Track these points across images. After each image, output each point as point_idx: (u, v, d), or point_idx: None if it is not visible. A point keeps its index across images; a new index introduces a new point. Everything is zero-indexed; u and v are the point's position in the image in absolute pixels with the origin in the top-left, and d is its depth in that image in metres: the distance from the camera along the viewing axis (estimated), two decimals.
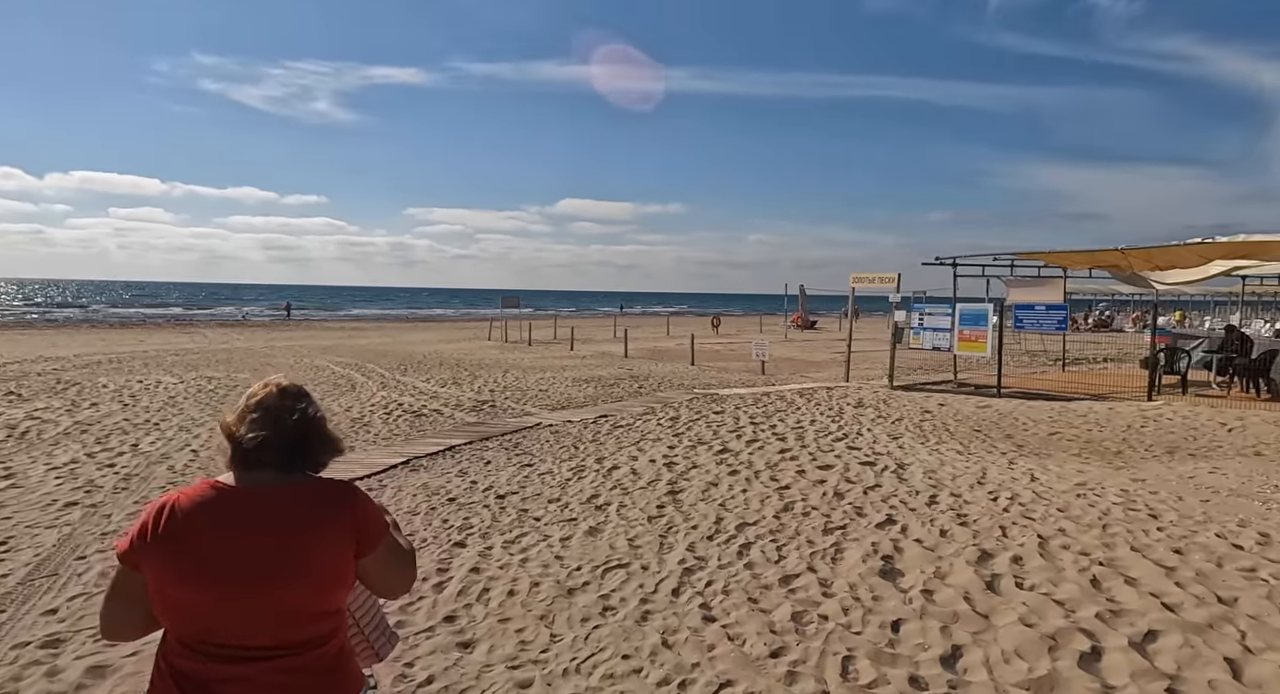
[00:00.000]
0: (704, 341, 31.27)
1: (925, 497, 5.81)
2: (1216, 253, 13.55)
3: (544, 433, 9.75)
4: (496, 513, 6.03)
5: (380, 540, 1.53)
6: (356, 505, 1.52)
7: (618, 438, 9.19)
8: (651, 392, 14.50)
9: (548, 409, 12.19)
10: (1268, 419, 8.95)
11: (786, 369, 19.79)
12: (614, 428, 9.96)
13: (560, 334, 34.24)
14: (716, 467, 7.24)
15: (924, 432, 9.21)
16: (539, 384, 15.49)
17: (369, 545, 1.51)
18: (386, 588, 1.64)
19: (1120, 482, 6.03)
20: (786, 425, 9.69)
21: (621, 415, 11.04)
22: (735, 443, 8.46)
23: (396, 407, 12.13)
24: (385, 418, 11.06)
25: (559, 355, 23.41)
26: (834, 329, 44.56)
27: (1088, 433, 8.78)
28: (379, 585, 1.62)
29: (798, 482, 6.52)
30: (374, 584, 1.61)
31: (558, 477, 7.17)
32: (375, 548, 1.52)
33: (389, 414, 11.38)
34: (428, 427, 10.43)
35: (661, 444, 8.54)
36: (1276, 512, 4.93)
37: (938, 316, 15.05)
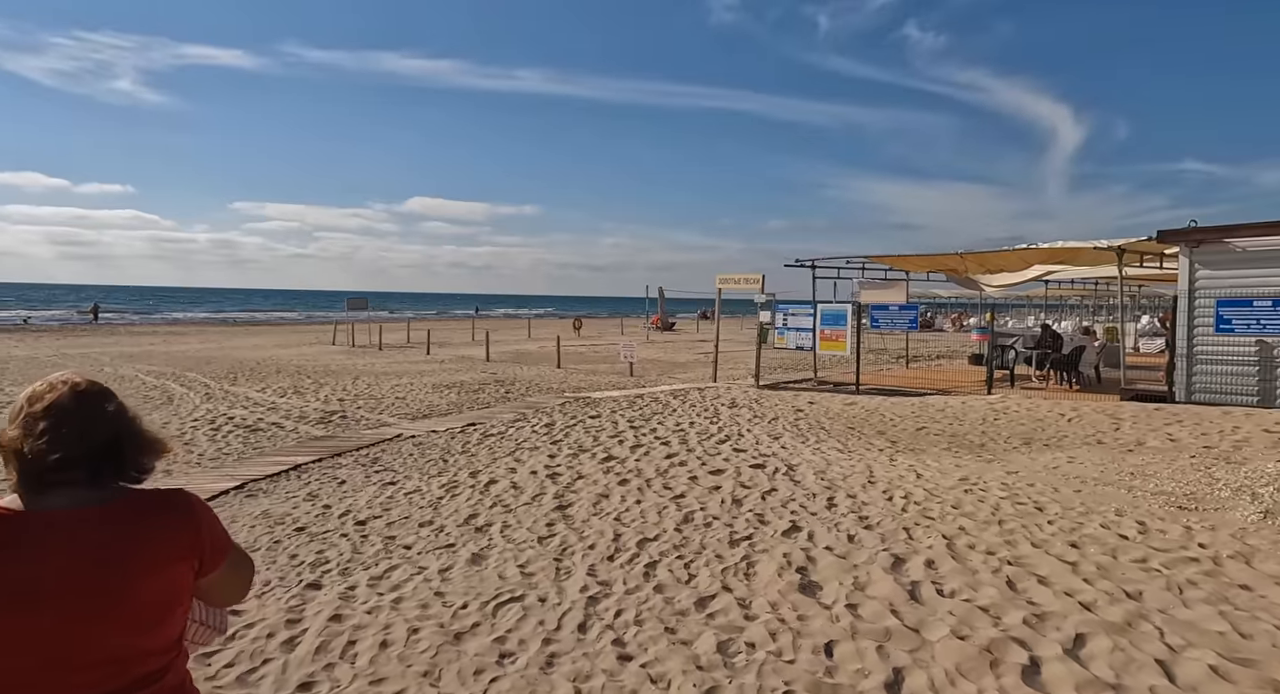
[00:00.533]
0: (568, 344, 30.76)
1: (823, 500, 5.68)
2: (1037, 258, 14.93)
3: (406, 445, 8.86)
4: (358, 543, 5.23)
5: (225, 556, 1.32)
6: (195, 518, 1.28)
7: (491, 448, 8.50)
8: (520, 396, 13.81)
9: (408, 418, 11.20)
10: (1097, 409, 9.82)
11: (653, 370, 19.73)
12: (485, 437, 9.25)
13: (415, 337, 32.43)
14: (604, 476, 6.79)
15: (801, 430, 9.27)
16: (395, 391, 14.33)
17: (212, 564, 1.29)
18: (222, 601, 1.43)
19: (997, 475, 6.23)
20: (667, 428, 9.42)
21: (492, 423, 10.32)
22: (619, 449, 8.05)
23: (226, 421, 10.67)
24: (212, 434, 9.66)
25: (415, 360, 22.02)
26: (692, 330, 45.57)
27: (950, 427, 9.20)
28: (214, 599, 1.41)
29: (692, 489, 6.21)
30: (209, 598, 1.39)
31: (428, 495, 6.42)
32: (219, 565, 1.31)
33: (217, 430, 9.96)
34: (266, 443, 9.20)
35: (540, 453, 7.97)
36: (1143, 499, 5.22)
37: (800, 317, 15.49)
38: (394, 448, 8.72)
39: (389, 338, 30.32)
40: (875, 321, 14.59)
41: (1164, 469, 6.10)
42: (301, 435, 9.75)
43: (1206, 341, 11.02)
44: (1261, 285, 10.58)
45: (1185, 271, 11.29)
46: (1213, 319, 10.89)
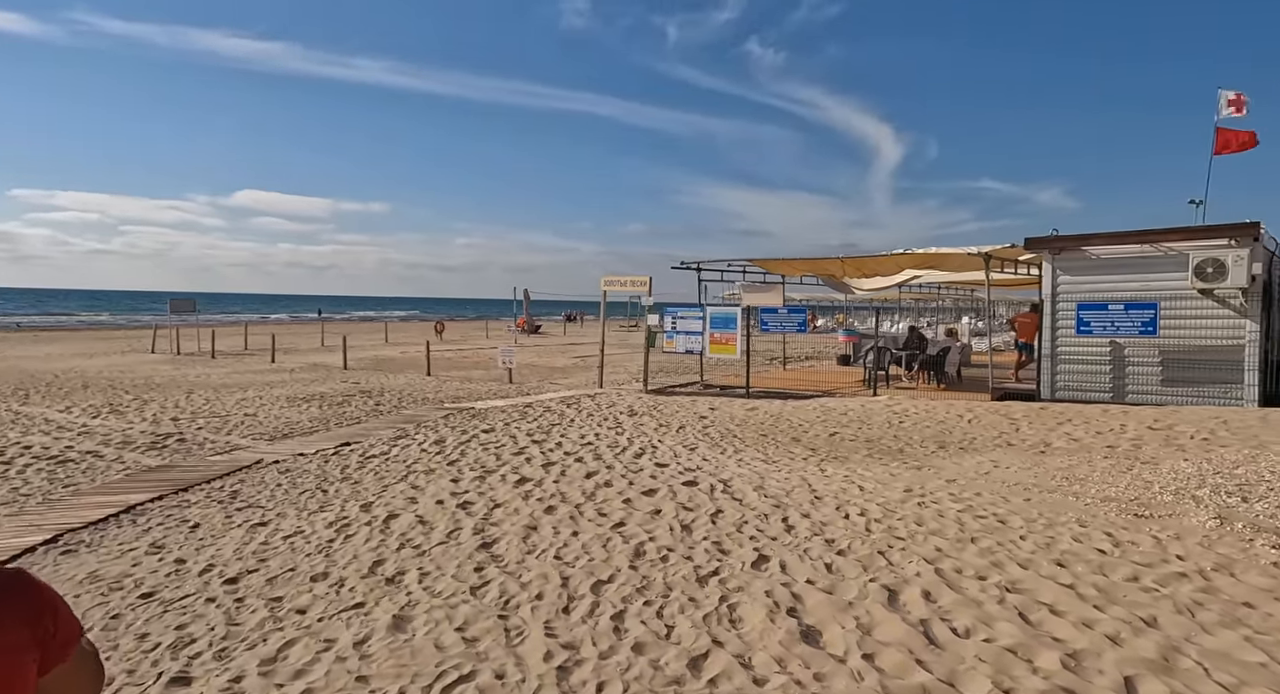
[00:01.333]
0: (433, 349, 29.02)
1: (777, 520, 5.25)
2: (910, 262, 15.62)
3: (270, 473, 7.57)
4: (232, 611, 4.16)
5: (74, 645, 1.01)
6: (34, 598, 0.98)
7: (377, 472, 7.42)
8: (393, 408, 12.53)
9: (264, 439, 9.73)
10: (989, 410, 10.21)
11: (532, 376, 18.85)
12: (366, 458, 8.11)
13: (255, 343, 29.34)
14: (524, 503, 5.99)
15: (714, 439, 8.88)
16: (243, 407, 12.57)
17: (59, 655, 0.99)
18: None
19: (938, 484, 6.11)
20: (573, 442, 8.71)
21: (370, 441, 9.13)
22: (530, 469, 7.26)
23: (21, 451, 8.75)
24: (1, 470, 7.83)
25: (258, 369, 19.74)
26: (559, 333, 44.79)
27: (861, 432, 9.17)
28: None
29: (630, 514, 5.58)
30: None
31: (314, 538, 5.35)
32: (67, 658, 1.00)
33: (7, 464, 8.10)
34: (81, 478, 7.56)
35: (440, 478, 7.01)
36: (1095, 506, 5.22)
37: (690, 320, 15.27)
38: (255, 477, 7.40)
39: (222, 344, 27.21)
40: (765, 324, 14.63)
41: (1090, 472, 6.23)
42: (129, 466, 8.12)
43: (1068, 342, 11.87)
44: (1113, 290, 11.52)
45: (1048, 277, 12.11)
46: (1073, 321, 11.75)
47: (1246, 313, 10.48)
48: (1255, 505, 4.85)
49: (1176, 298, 10.95)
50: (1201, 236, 10.77)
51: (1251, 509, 4.81)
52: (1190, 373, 10.90)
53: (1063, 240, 11.93)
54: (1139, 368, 11.31)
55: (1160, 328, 11.04)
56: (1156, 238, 11.15)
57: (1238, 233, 10.51)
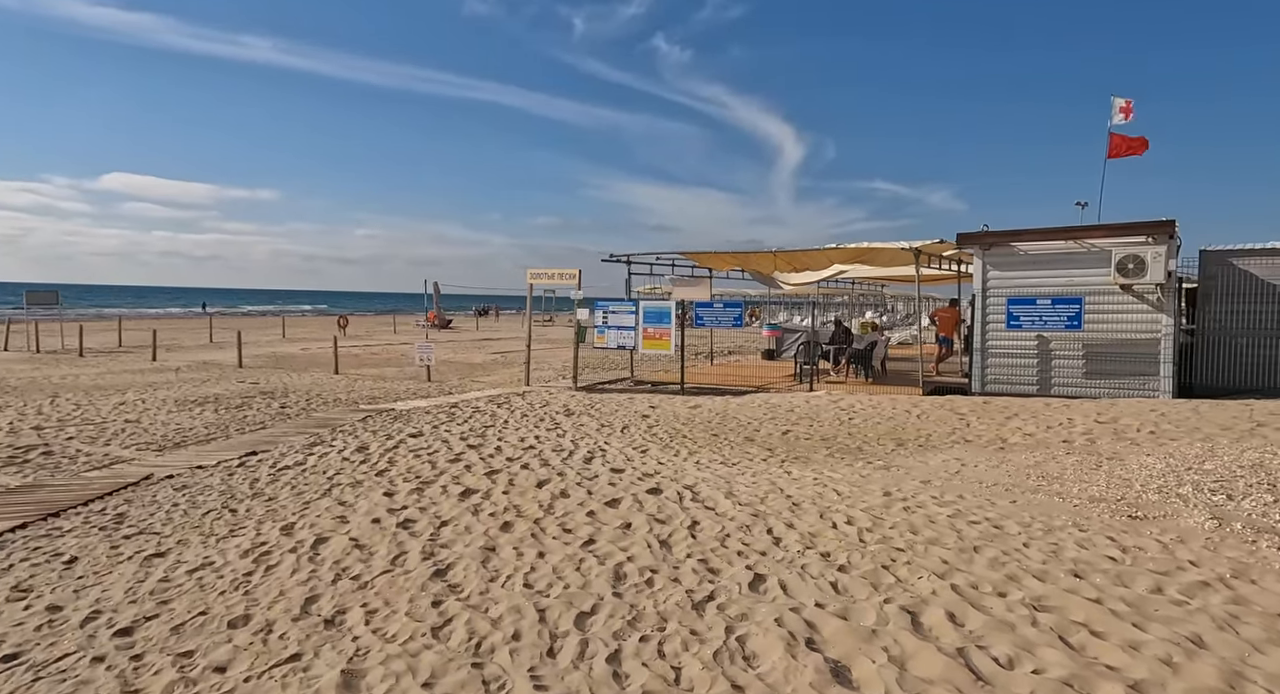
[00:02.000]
0: (339, 346, 27.31)
1: (760, 532, 4.84)
2: (841, 257, 15.68)
3: (163, 490, 6.57)
4: (128, 674, 3.36)
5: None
6: None
7: (294, 486, 6.55)
8: (303, 411, 11.45)
9: (152, 449, 8.58)
10: (936, 405, 10.20)
11: (451, 374, 17.89)
12: (278, 470, 7.19)
13: (131, 340, 26.81)
14: (474, 519, 5.33)
15: (664, 440, 8.43)
16: (122, 413, 11.18)
17: None
18: None
19: (914, 486, 5.87)
20: (513, 446, 8.06)
21: (281, 449, 8.17)
22: (472, 478, 6.57)
23: None
24: None
25: (138, 369, 17.89)
26: (470, 328, 43.32)
27: (814, 429, 8.93)
28: None
29: (599, 530, 5.03)
30: None
31: (227, 570, 4.53)
32: None
33: None
34: None
35: (371, 491, 6.22)
36: (1085, 508, 5.07)
37: (622, 314, 14.77)
38: (145, 496, 6.39)
39: (92, 341, 24.69)
40: (700, 319, 14.31)
41: (1061, 470, 6.15)
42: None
43: (998, 337, 12.13)
44: (1040, 285, 11.82)
45: (979, 272, 12.33)
46: (1004, 316, 12.01)
47: (1162, 307, 10.96)
48: (1243, 504, 4.81)
49: (1099, 293, 11.34)
50: (1122, 234, 11.17)
51: (1240, 508, 4.77)
52: (1111, 365, 11.32)
53: (993, 236, 12.16)
54: (1064, 361, 11.66)
55: (1084, 322, 11.42)
56: (1081, 234, 11.51)
57: (1154, 230, 10.96)
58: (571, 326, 15.31)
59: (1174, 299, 10.92)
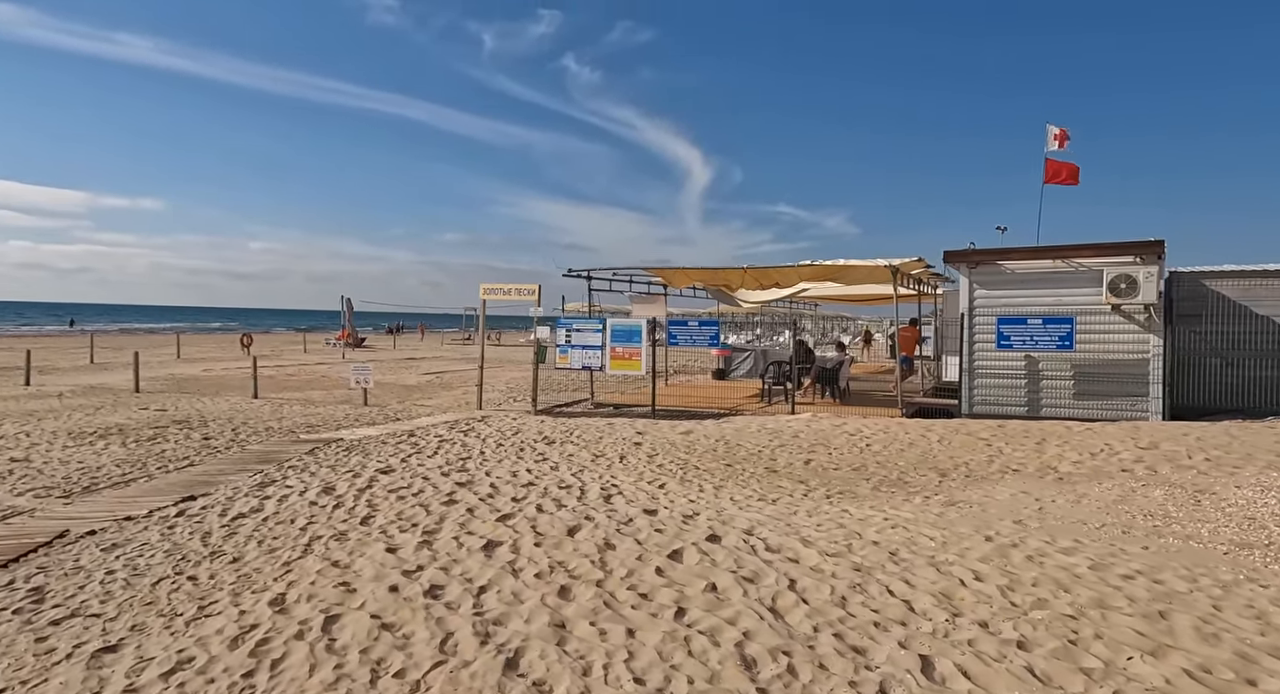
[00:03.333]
0: (242, 366, 25.11)
1: (878, 591, 4.12)
2: (812, 274, 15.35)
3: (89, 552, 5.29)
4: None
5: None
6: None
7: (261, 541, 5.39)
8: (234, 443, 10.02)
9: (57, 497, 7.12)
10: (950, 428, 9.77)
11: (387, 397, 16.49)
12: (233, 520, 5.98)
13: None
14: (516, 581, 4.36)
15: (675, 472, 7.61)
16: (3, 449, 9.46)
17: None
18: None
19: (1008, 529, 5.29)
20: (507, 482, 7.07)
21: (226, 493, 6.90)
22: (485, 525, 5.57)
23: None
24: None
25: (10, 395, 15.64)
26: (386, 346, 41.15)
27: (836, 458, 8.32)
28: None
29: (682, 593, 4.17)
30: None
31: (217, 672, 3.43)
32: None
33: None
34: None
35: (363, 545, 5.14)
36: (1240, 556, 4.59)
37: (587, 333, 13.92)
38: (65, 560, 5.09)
39: None
40: (674, 338, 13.62)
41: (1162, 508, 5.71)
42: None
43: (986, 357, 12.00)
44: (1027, 304, 11.79)
45: (965, 291, 12.21)
46: (993, 336, 11.90)
47: (1151, 328, 11.07)
48: None
49: (1087, 313, 11.38)
50: (1110, 253, 11.26)
51: None
52: (1100, 386, 11.34)
53: (980, 254, 12.07)
54: (1053, 382, 11.62)
55: (1075, 342, 11.42)
56: (1069, 254, 11.55)
57: (1143, 250, 11.10)
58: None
59: (1162, 319, 11.05)
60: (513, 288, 14.71)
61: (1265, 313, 11.76)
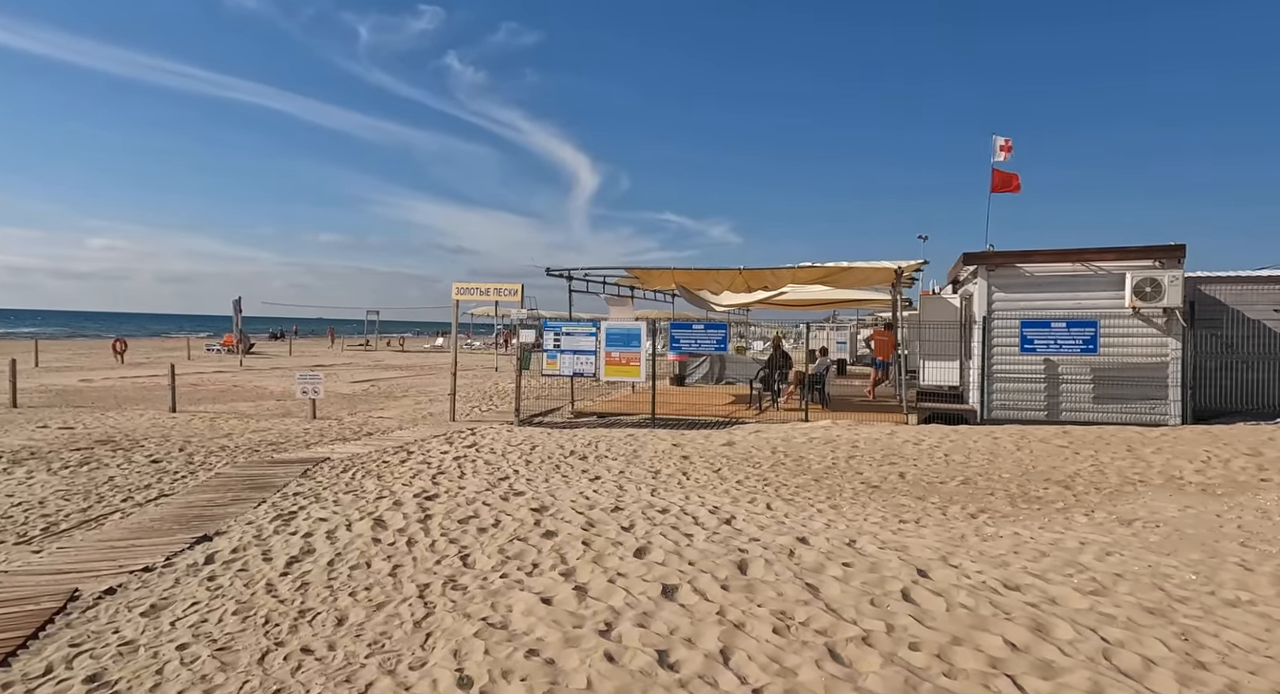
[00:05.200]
0: (125, 376, 22.38)
1: (1175, 640, 3.62)
2: (810, 276, 15.02)
3: (126, 617, 4.08)
4: None
5: None
6: None
7: (356, 595, 4.31)
8: (191, 467, 8.52)
9: (16, 544, 5.66)
10: (1032, 437, 9.39)
11: (335, 408, 14.86)
12: (291, 565, 4.84)
13: None
14: (754, 639, 3.56)
15: (757, 489, 6.91)
16: None
17: None
18: None
19: (1231, 549, 4.97)
20: (582, 506, 6.17)
21: (251, 531, 5.66)
22: (635, 565, 4.68)
23: None
24: None
25: None
26: (279, 353, 38.11)
27: (933, 470, 7.76)
28: None
29: (871, 668, 3.51)
30: None
31: None
32: None
33: None
34: None
35: (500, 593, 4.16)
36: None
37: (580, 337, 13.00)
38: (102, 633, 3.88)
39: None
40: (676, 343, 12.91)
41: None
42: None
43: (1007, 361, 11.99)
44: (1046, 308, 11.86)
45: (982, 294, 12.19)
46: (1014, 339, 11.90)
47: (1170, 331, 11.37)
48: None
49: (1107, 316, 11.58)
50: (1131, 257, 11.51)
51: None
52: (1119, 390, 11.55)
53: (1000, 257, 12.08)
54: (1073, 386, 11.75)
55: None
56: (1090, 257, 11.73)
57: (1164, 254, 11.41)
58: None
59: (1180, 323, 11.37)
60: (491, 287, 13.61)
61: (1256, 317, 12.39)
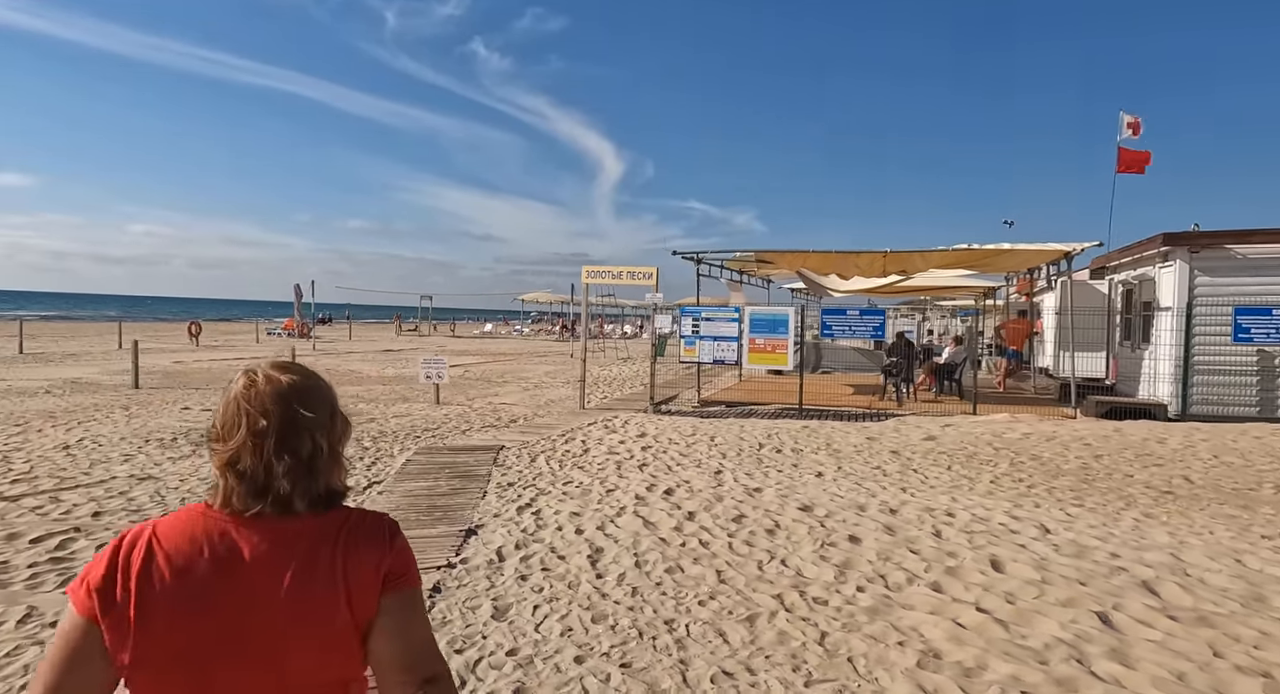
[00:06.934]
0: (215, 358, 22.55)
1: None
2: (961, 259, 14.35)
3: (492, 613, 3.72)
4: None
5: (410, 584, 1.21)
6: (397, 542, 1.22)
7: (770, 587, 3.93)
8: (372, 456, 8.29)
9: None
10: (1224, 434, 8.89)
11: (446, 394, 14.62)
12: (642, 563, 4.47)
13: None
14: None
15: (1035, 494, 6.45)
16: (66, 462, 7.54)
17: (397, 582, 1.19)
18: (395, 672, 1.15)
19: None
20: (842, 505, 5.75)
21: (501, 530, 5.34)
22: (984, 573, 4.25)
23: None
24: None
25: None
26: (337, 337, 38.31)
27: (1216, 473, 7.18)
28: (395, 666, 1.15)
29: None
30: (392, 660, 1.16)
31: None
32: (407, 587, 1.20)
33: None
34: None
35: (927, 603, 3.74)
36: None
37: (720, 323, 12.56)
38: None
39: None
40: (827, 329, 12.42)
41: None
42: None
43: (1213, 352, 11.03)
44: (1261, 294, 10.90)
45: (1181, 279, 11.29)
46: (1220, 328, 10.96)
47: None
48: None
49: None
50: None
51: None
52: None
53: (1205, 237, 11.28)
54: None
55: None
56: None
57: None
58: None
59: None
60: (624, 270, 13.20)
61: None
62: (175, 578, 1.09)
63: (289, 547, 1.14)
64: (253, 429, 1.14)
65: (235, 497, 1.14)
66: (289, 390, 1.17)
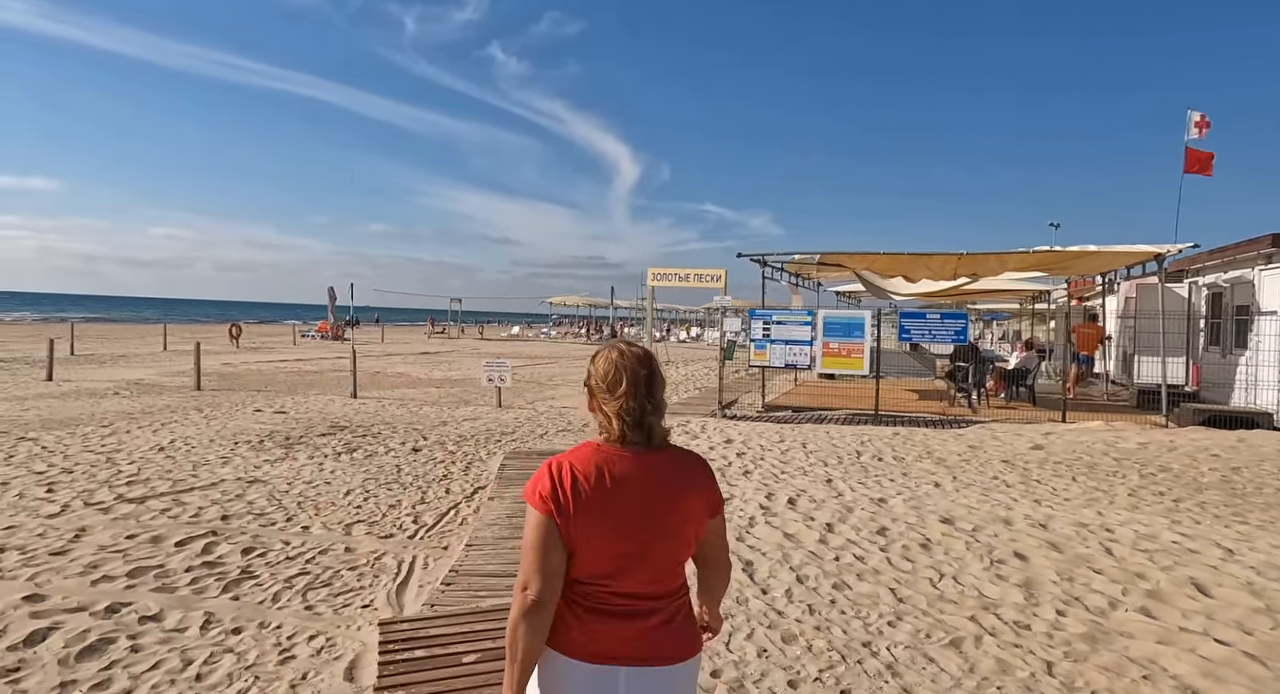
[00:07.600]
0: (264, 360, 22.65)
1: None
2: (1042, 262, 13.98)
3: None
4: None
5: (722, 508, 1.75)
6: (712, 473, 1.74)
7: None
8: (456, 459, 8.14)
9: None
10: None
11: (518, 398, 14.49)
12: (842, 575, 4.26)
13: None
14: None
15: (1203, 511, 6.17)
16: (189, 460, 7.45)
17: (716, 509, 1.72)
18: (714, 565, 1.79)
19: None
20: (985, 519, 5.50)
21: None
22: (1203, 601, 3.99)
23: None
24: None
25: (46, 394, 13.24)
26: (369, 339, 38.44)
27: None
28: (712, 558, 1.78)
29: None
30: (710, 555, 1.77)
31: None
32: (720, 511, 1.74)
33: None
34: None
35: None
36: None
37: (792, 326, 12.33)
38: None
39: None
40: (904, 332, 12.15)
41: None
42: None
43: None
44: None
45: None
46: None
47: None
48: None
49: None
50: None
51: None
52: None
53: None
54: None
55: None
56: None
57: None
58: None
59: None
60: (690, 272, 13.07)
61: None
62: (592, 489, 1.57)
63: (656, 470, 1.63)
64: (633, 381, 1.63)
65: (625, 429, 1.62)
66: (646, 357, 1.69)
